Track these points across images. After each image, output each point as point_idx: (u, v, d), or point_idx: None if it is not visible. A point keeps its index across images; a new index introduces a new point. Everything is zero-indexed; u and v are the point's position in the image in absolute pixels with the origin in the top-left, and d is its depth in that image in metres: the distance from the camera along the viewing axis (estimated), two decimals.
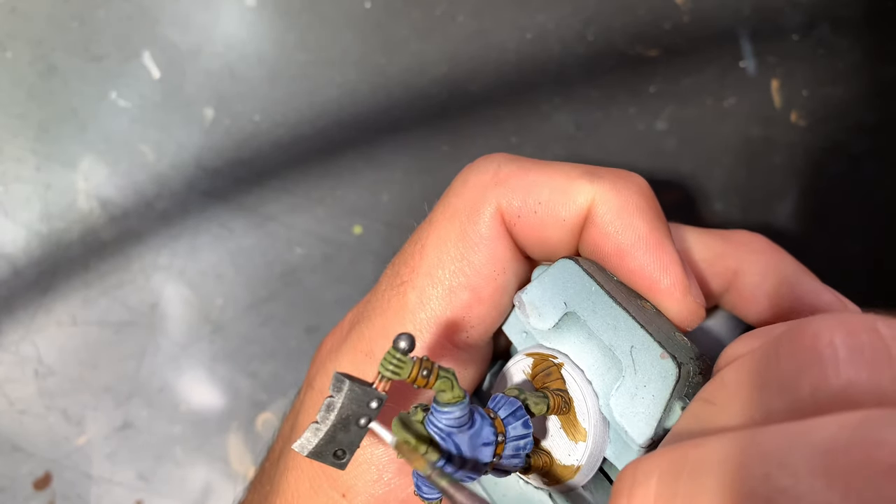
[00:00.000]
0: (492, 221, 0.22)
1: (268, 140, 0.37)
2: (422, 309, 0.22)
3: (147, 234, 0.37)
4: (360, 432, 0.19)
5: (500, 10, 0.37)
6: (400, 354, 0.18)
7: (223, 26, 0.37)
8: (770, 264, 0.25)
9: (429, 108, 0.37)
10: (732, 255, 0.25)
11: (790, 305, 0.24)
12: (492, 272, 0.22)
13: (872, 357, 0.13)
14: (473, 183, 0.23)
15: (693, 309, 0.21)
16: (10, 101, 0.37)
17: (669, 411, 0.19)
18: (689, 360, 0.20)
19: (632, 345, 0.20)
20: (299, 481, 0.23)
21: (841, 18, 0.38)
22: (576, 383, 0.21)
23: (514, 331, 0.23)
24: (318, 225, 0.37)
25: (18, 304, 0.36)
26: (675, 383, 0.19)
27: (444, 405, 0.18)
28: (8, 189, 0.37)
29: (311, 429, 0.19)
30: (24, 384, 0.36)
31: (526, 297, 0.22)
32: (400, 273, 0.23)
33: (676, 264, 0.21)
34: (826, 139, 0.38)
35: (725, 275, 0.25)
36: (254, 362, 0.37)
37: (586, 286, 0.21)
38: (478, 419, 0.19)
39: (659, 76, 0.37)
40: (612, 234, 0.21)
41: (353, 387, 0.19)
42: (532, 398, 0.20)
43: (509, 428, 0.20)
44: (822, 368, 0.14)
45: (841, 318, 0.14)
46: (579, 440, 0.21)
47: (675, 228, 0.25)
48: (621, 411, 0.20)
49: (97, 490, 0.36)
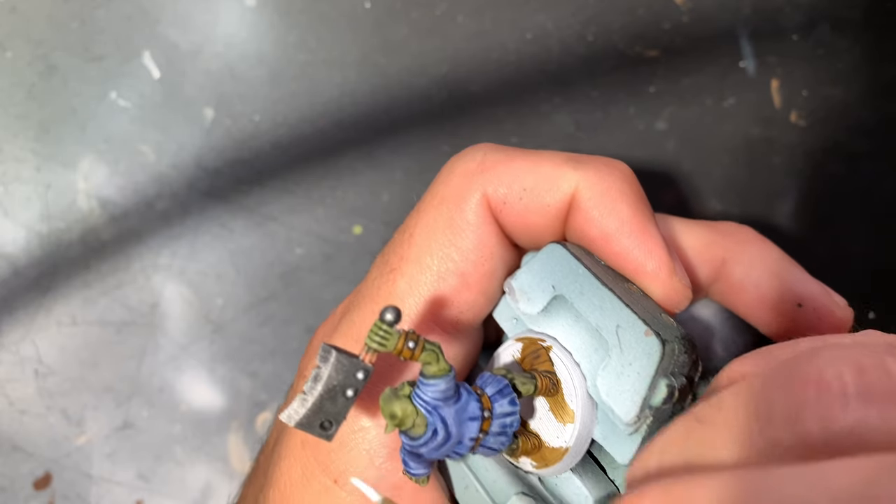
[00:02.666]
0: (478, 208, 0.22)
1: (268, 140, 0.37)
2: (411, 295, 0.23)
3: (147, 234, 0.37)
4: (347, 403, 0.19)
5: (500, 10, 0.37)
6: (386, 326, 0.18)
7: (223, 26, 0.37)
8: (757, 254, 0.25)
9: (429, 108, 0.37)
10: (720, 244, 0.25)
11: (777, 294, 0.24)
12: (479, 258, 0.23)
13: (882, 395, 0.13)
14: (460, 171, 0.23)
15: (679, 289, 0.21)
16: (10, 101, 0.37)
17: (654, 388, 0.19)
18: (675, 338, 0.20)
19: (617, 324, 0.20)
20: (292, 469, 0.23)
21: (841, 18, 0.38)
22: (563, 365, 0.21)
23: (504, 318, 0.24)
24: (318, 225, 0.38)
25: (18, 304, 0.36)
26: (660, 360, 0.19)
27: (430, 378, 0.18)
28: (8, 189, 0.37)
29: (299, 399, 0.19)
30: (24, 384, 0.36)
31: (515, 283, 0.22)
32: (389, 261, 0.23)
33: (660, 247, 0.21)
34: (826, 139, 0.38)
35: (713, 263, 0.25)
36: (254, 362, 0.37)
37: (574, 269, 0.21)
38: (464, 394, 0.19)
39: (659, 76, 0.37)
40: (597, 218, 0.22)
41: (340, 357, 0.19)
42: (520, 378, 0.21)
43: (496, 405, 0.20)
44: (831, 404, 0.13)
45: (850, 352, 0.14)
46: (567, 422, 0.21)
47: (664, 219, 0.25)
48: (607, 390, 0.20)
49: (97, 490, 0.36)
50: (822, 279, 0.26)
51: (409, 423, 0.18)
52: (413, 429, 0.18)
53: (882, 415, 0.13)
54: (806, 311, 0.25)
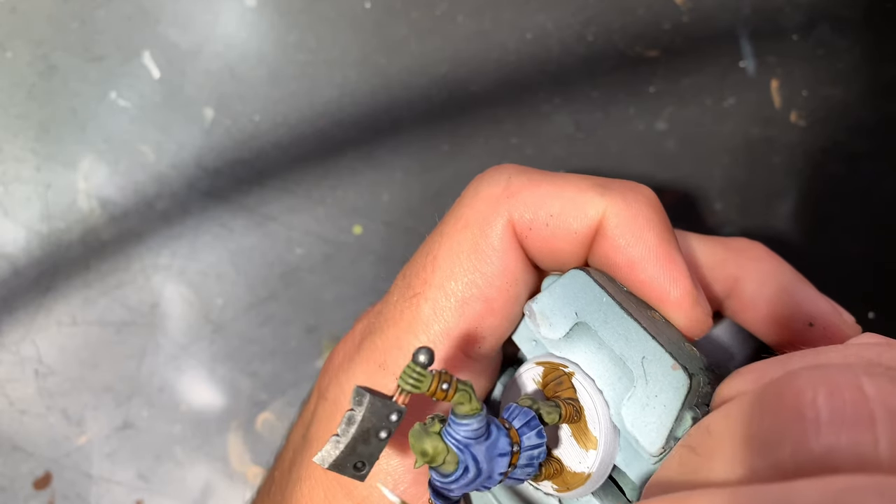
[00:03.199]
0: (504, 233, 0.22)
1: (268, 140, 0.37)
2: (435, 321, 0.22)
3: (147, 234, 0.37)
4: (380, 444, 0.19)
5: (500, 10, 0.37)
6: (420, 368, 0.18)
7: (223, 26, 0.37)
8: (769, 272, 0.25)
9: (429, 108, 0.37)
10: (733, 261, 0.25)
11: (788, 312, 0.25)
12: (504, 283, 0.22)
13: (854, 419, 0.13)
14: (485, 195, 0.23)
15: (701, 319, 0.22)
16: (10, 101, 0.37)
17: (680, 421, 0.20)
18: (699, 370, 0.20)
19: (643, 355, 0.20)
20: (314, 492, 0.23)
21: (841, 18, 0.38)
22: (587, 392, 0.21)
23: (523, 340, 0.24)
24: (318, 225, 0.38)
25: (19, 304, 0.36)
26: (687, 394, 0.20)
27: (463, 417, 0.18)
28: (8, 189, 0.37)
29: (332, 441, 0.19)
30: (24, 384, 0.36)
31: (536, 307, 0.22)
32: (412, 285, 0.23)
33: (685, 276, 0.21)
34: (826, 139, 0.38)
35: (727, 281, 0.25)
36: (254, 362, 0.37)
37: (597, 297, 0.21)
38: (494, 430, 0.19)
39: (659, 76, 0.37)
40: (623, 246, 0.21)
41: (374, 400, 0.19)
42: (545, 408, 0.21)
43: (524, 438, 0.20)
44: (803, 430, 0.13)
45: (825, 375, 0.14)
46: (590, 448, 0.21)
47: (679, 236, 0.25)
48: (633, 421, 0.20)
49: (97, 490, 0.36)
50: (822, 279, 0.26)
51: (440, 460, 0.18)
52: (444, 466, 0.18)
53: (852, 440, 0.13)
54: (816, 330, 0.25)
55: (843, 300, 0.26)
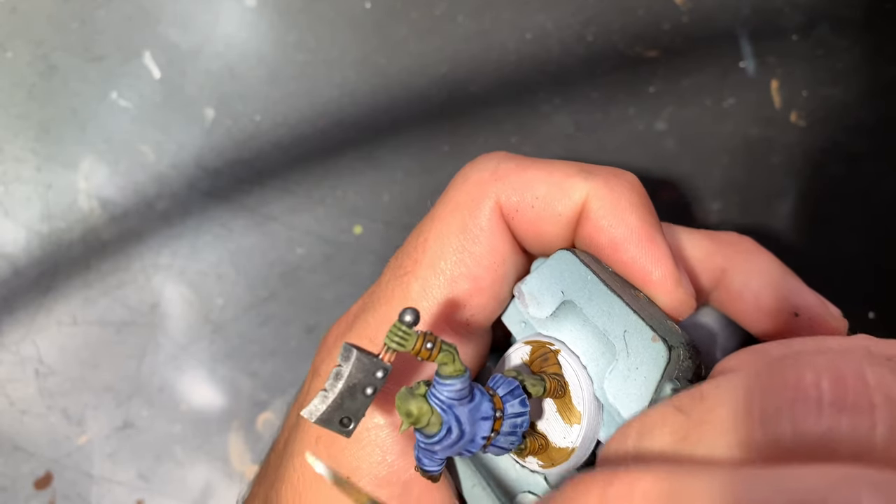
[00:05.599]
0: (491, 215, 0.23)
1: (268, 140, 0.37)
2: (424, 298, 0.23)
3: (147, 234, 0.37)
4: (367, 401, 0.20)
5: (500, 10, 0.37)
6: (405, 327, 0.19)
7: (223, 26, 0.37)
8: (756, 264, 0.26)
9: (429, 108, 0.38)
10: (721, 253, 0.26)
11: (775, 304, 0.25)
12: (491, 263, 0.23)
13: (855, 404, 0.14)
14: (474, 179, 0.24)
15: (683, 299, 0.22)
16: (10, 101, 0.37)
17: (660, 392, 0.20)
18: (680, 344, 0.21)
19: (625, 329, 0.21)
20: (305, 465, 0.24)
21: (841, 18, 0.38)
22: (571, 368, 0.22)
23: (512, 321, 0.24)
24: (318, 225, 0.38)
25: (19, 304, 0.37)
26: (666, 365, 0.20)
27: (446, 378, 0.19)
28: (8, 189, 0.37)
29: (320, 396, 0.20)
30: (24, 384, 0.36)
31: (525, 288, 0.23)
32: (403, 264, 0.24)
33: (667, 257, 0.22)
34: (826, 139, 0.38)
35: (714, 272, 0.26)
36: (254, 362, 0.37)
37: (583, 275, 0.22)
38: (477, 394, 0.20)
39: (658, 76, 0.38)
40: (606, 227, 0.22)
41: (361, 356, 0.20)
42: (529, 380, 0.21)
43: (507, 405, 0.20)
44: (805, 410, 0.14)
45: (830, 360, 0.14)
46: (574, 423, 0.21)
47: (668, 228, 0.26)
48: (614, 393, 0.21)
49: (98, 490, 0.36)
50: (822, 279, 0.26)
51: (424, 421, 0.19)
52: (428, 427, 0.19)
53: (852, 424, 0.14)
54: (802, 321, 0.25)
55: (843, 300, 0.26)
